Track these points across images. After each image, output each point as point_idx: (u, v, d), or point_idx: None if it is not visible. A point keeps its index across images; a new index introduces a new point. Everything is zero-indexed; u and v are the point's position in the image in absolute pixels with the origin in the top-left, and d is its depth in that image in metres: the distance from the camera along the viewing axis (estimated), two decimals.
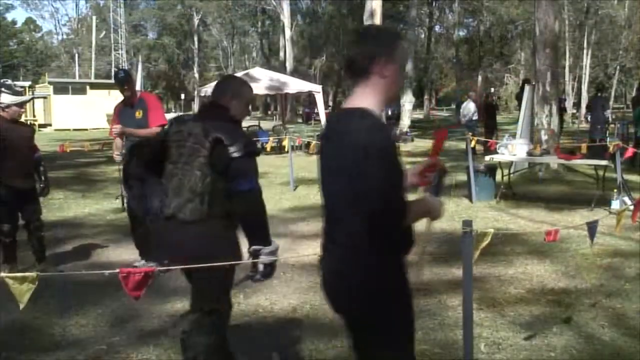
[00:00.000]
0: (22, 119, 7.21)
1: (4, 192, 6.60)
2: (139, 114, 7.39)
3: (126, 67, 72.76)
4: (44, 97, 48.29)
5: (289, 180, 13.67)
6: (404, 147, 22.77)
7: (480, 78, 60.16)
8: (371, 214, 2.59)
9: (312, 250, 7.94)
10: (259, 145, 3.88)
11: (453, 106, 63.58)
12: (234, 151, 3.62)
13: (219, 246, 3.71)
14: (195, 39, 75.11)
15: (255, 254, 3.72)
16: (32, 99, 7.77)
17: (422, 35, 63.41)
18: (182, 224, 3.69)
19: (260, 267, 3.72)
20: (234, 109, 3.86)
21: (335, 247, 2.83)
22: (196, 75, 73.97)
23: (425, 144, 22.01)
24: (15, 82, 6.44)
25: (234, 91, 3.92)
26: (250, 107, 4.00)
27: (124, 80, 7.47)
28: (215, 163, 3.65)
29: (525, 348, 4.80)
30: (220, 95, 3.89)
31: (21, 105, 6.79)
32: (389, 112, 38.85)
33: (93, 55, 72.68)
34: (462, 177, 12.89)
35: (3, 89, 6.66)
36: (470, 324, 3.84)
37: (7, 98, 6.63)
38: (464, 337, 3.89)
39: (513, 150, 11.48)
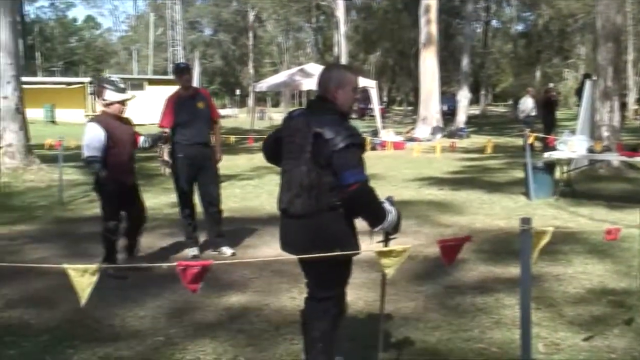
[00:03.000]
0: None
1: (113, 188, 6.65)
2: (201, 105, 7.50)
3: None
4: None
5: None
6: (460, 143, 22.54)
7: (538, 73, 59.26)
8: None
9: (364, 246, 7.90)
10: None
11: (510, 102, 62.85)
12: (335, 144, 3.63)
13: (326, 239, 3.80)
14: (251, 35, 75.55)
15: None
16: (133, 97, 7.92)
17: (479, 30, 62.76)
18: (293, 217, 3.83)
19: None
20: (341, 100, 3.87)
21: None
22: (251, 71, 74.44)
23: (482, 140, 21.75)
24: (111, 78, 6.43)
25: (337, 81, 3.89)
26: (357, 94, 4.10)
27: (185, 70, 7.59)
28: (317, 158, 3.70)
29: (585, 349, 4.71)
30: (325, 87, 3.89)
31: (124, 102, 6.79)
32: (445, 108, 38.54)
33: (151, 52, 73.80)
34: (520, 174, 12.72)
35: (107, 86, 6.69)
36: (528, 323, 3.78)
37: (110, 95, 6.67)
38: (521, 336, 3.83)
39: (572, 146, 11.26)
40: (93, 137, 6.52)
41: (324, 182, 3.72)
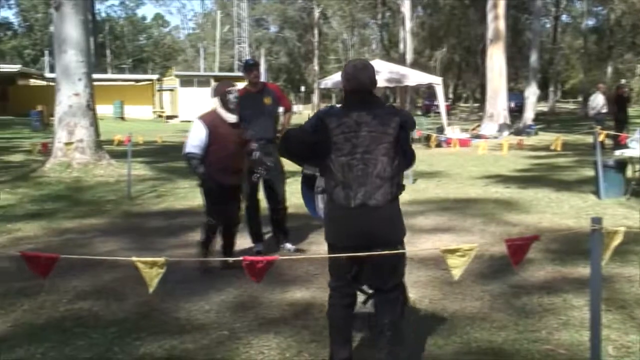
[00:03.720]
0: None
1: (209, 186, 6.65)
2: (268, 101, 7.56)
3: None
4: (171, 90, 50.07)
5: (407, 174, 13.58)
6: (527, 140, 22.15)
7: (609, 69, 57.83)
8: None
9: (430, 244, 7.86)
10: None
11: (580, 98, 61.55)
12: (410, 131, 4.02)
13: (401, 223, 4.06)
14: (316, 31, 75.75)
15: None
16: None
17: (548, 25, 61.60)
18: (372, 209, 3.88)
19: None
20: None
21: None
22: (316, 67, 74.64)
23: (550, 137, 21.33)
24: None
25: (372, 78, 4.06)
26: None
27: (254, 66, 7.68)
28: (401, 145, 3.94)
29: None
30: (366, 83, 4.01)
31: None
32: (512, 105, 37.94)
33: (217, 49, 74.68)
34: (590, 172, 12.44)
35: (231, 91, 6.70)
36: (598, 325, 3.70)
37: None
38: (591, 338, 3.74)
39: None
40: (195, 135, 6.55)
41: (399, 169, 3.98)
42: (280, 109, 8.00)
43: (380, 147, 3.86)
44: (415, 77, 25.69)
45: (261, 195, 7.75)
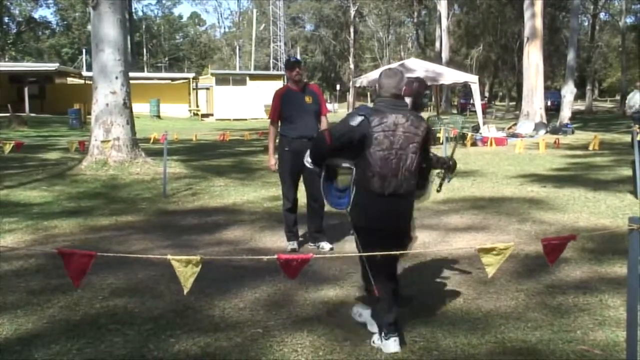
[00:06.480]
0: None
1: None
2: (309, 100, 7.56)
3: (284, 59, 74.75)
4: (207, 89, 50.40)
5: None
6: (564, 139, 21.91)
7: None
8: None
9: (465, 243, 7.82)
10: None
11: (617, 97, 60.71)
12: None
13: (413, 209, 4.85)
14: (352, 30, 75.71)
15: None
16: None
17: (586, 23, 60.86)
18: (399, 197, 4.59)
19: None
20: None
21: None
22: (351, 66, 74.59)
23: (587, 136, 21.08)
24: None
25: (407, 84, 4.80)
26: None
27: (296, 64, 7.69)
28: (426, 146, 4.71)
29: None
30: (400, 88, 4.66)
31: None
32: (549, 103, 37.53)
33: (253, 48, 74.99)
34: (627, 172, 12.28)
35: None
36: (634, 325, 3.65)
37: None
38: (627, 338, 3.70)
39: None
40: None
41: (419, 164, 4.66)
42: None
43: (410, 145, 4.53)
44: (451, 76, 25.53)
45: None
